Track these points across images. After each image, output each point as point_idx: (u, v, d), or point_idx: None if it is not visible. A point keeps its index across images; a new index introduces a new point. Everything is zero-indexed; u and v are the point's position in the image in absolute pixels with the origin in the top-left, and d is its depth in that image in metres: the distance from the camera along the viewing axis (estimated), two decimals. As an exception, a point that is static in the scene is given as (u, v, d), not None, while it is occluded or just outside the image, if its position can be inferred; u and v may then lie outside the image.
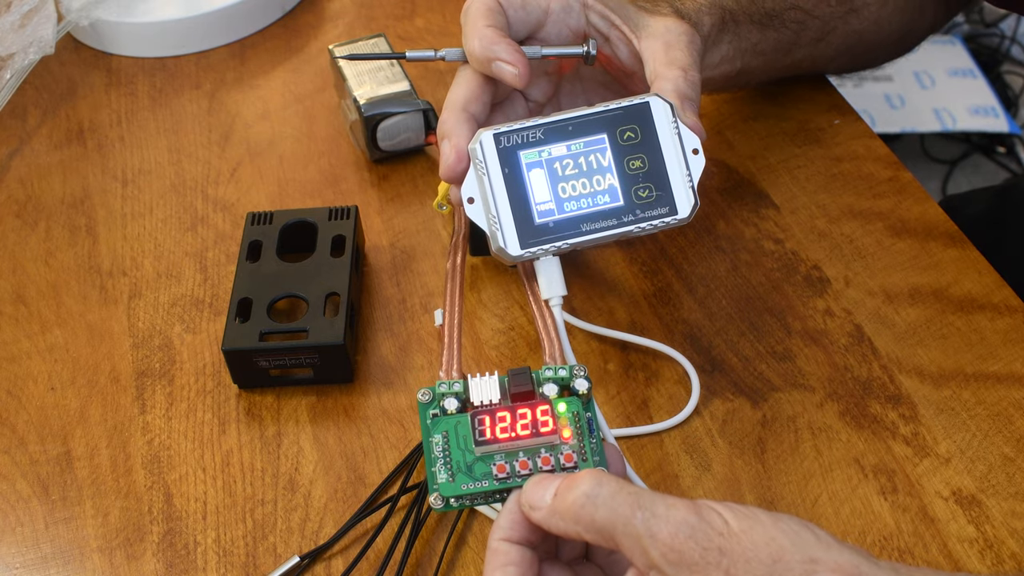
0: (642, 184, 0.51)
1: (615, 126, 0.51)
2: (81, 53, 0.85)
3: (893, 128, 1.73)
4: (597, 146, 0.51)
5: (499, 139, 0.50)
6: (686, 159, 0.51)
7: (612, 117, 0.51)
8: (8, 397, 0.62)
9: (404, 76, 0.72)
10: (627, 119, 0.51)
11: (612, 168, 0.51)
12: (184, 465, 0.58)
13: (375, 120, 0.70)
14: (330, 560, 0.54)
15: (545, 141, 0.51)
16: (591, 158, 0.51)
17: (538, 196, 0.51)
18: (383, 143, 0.71)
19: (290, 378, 0.61)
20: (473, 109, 0.53)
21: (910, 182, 0.70)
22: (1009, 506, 0.54)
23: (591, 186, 0.51)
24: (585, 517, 0.41)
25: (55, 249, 0.70)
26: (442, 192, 0.63)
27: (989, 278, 0.64)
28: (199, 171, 0.75)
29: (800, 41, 0.68)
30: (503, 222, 0.50)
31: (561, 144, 0.51)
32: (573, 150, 0.51)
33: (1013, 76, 1.87)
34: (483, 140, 0.50)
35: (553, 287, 0.51)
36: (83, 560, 0.55)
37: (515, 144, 0.50)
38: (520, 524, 0.44)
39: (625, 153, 0.51)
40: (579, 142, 0.51)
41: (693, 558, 0.38)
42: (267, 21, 0.86)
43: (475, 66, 0.53)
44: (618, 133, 0.51)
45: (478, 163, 0.50)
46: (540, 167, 0.51)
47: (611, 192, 0.51)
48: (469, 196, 0.50)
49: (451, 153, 0.51)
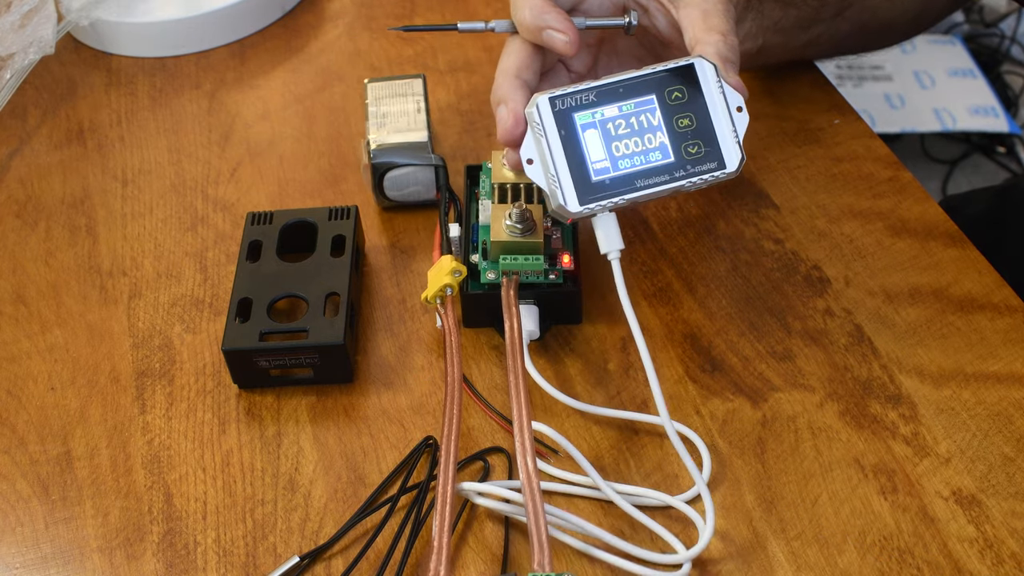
0: (691, 141, 0.53)
1: (663, 87, 0.54)
2: (81, 53, 0.85)
3: (893, 128, 1.73)
4: (647, 106, 0.53)
5: (554, 102, 0.53)
6: (731, 116, 0.54)
7: (660, 79, 0.54)
8: (8, 397, 0.62)
9: (426, 125, 0.68)
10: (674, 80, 0.54)
11: (662, 127, 0.53)
12: (184, 465, 0.58)
13: (383, 169, 0.67)
14: (330, 560, 0.54)
15: (598, 103, 0.53)
16: (642, 118, 0.53)
17: (594, 155, 0.53)
18: (390, 193, 0.68)
19: (290, 378, 0.61)
20: (525, 76, 0.55)
21: (910, 182, 0.70)
22: (1009, 506, 0.54)
23: (643, 144, 0.53)
24: None
25: (55, 249, 0.70)
26: (432, 288, 0.60)
27: (989, 278, 0.64)
28: (199, 171, 0.75)
29: (819, 16, 0.70)
30: (562, 181, 0.52)
31: (613, 105, 0.53)
32: (624, 111, 0.53)
33: (1013, 76, 1.87)
34: (540, 104, 0.53)
35: (611, 242, 0.53)
36: (83, 560, 0.55)
37: (570, 107, 0.53)
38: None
39: (674, 112, 0.53)
40: (630, 103, 0.53)
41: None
42: (267, 21, 0.86)
43: (525, 35, 0.55)
44: (666, 93, 0.53)
45: (535, 126, 0.52)
46: (594, 128, 0.53)
47: (662, 149, 0.53)
48: (528, 158, 0.53)
49: (508, 117, 0.53)
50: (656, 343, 0.62)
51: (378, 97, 0.70)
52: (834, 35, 0.72)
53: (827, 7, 0.70)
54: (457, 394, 0.55)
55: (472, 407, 0.59)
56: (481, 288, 0.61)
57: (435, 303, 0.60)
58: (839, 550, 0.53)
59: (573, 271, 0.61)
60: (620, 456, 0.57)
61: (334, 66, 0.82)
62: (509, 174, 0.62)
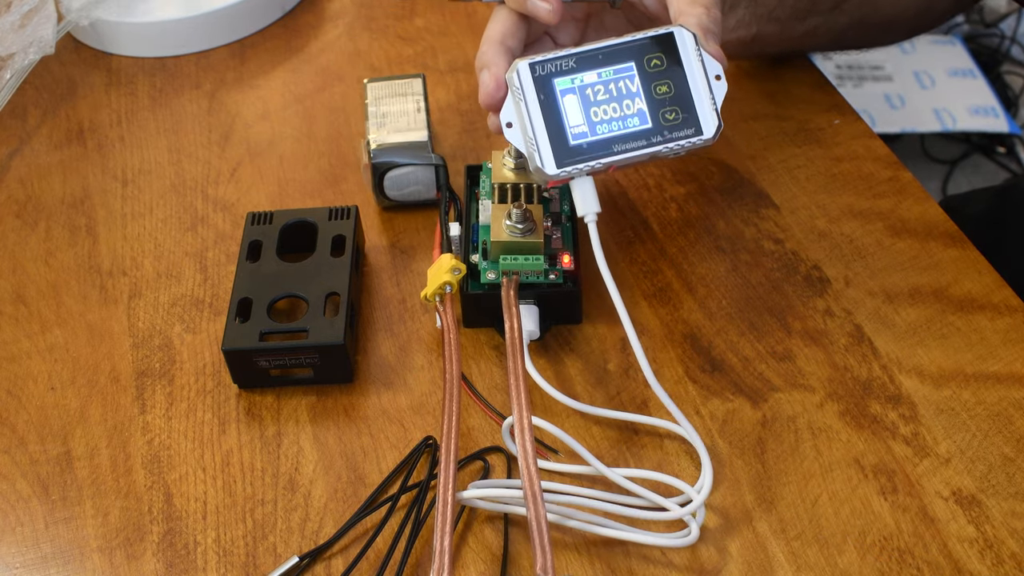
0: (669, 107, 0.54)
1: (642, 54, 0.54)
2: (81, 53, 0.85)
3: (893, 128, 1.73)
4: (626, 73, 0.54)
5: (534, 68, 0.54)
6: (710, 84, 0.54)
7: (640, 46, 0.54)
8: (8, 397, 0.62)
9: (426, 125, 0.68)
10: (653, 47, 0.54)
11: (640, 93, 0.54)
12: (184, 465, 0.58)
13: (383, 168, 0.67)
14: (330, 560, 0.54)
15: (577, 69, 0.54)
16: (621, 84, 0.54)
17: (572, 120, 0.54)
18: (390, 192, 0.68)
19: (290, 378, 0.61)
20: (510, 43, 0.57)
21: (910, 182, 0.70)
22: (1009, 506, 0.54)
23: (621, 110, 0.54)
24: None
25: (55, 249, 0.70)
26: (432, 286, 0.60)
27: (989, 278, 0.64)
28: (199, 171, 0.75)
29: (816, 8, 0.70)
30: (540, 144, 0.53)
31: (592, 72, 0.54)
32: (604, 77, 0.54)
33: (1013, 76, 1.87)
34: (520, 69, 0.53)
35: (588, 204, 0.54)
36: (83, 560, 0.55)
37: (549, 72, 0.54)
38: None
39: (652, 79, 0.54)
40: (609, 69, 0.54)
41: None
42: (267, 21, 0.86)
43: (511, 4, 0.57)
44: (645, 61, 0.54)
45: (515, 90, 0.53)
46: (573, 93, 0.54)
47: (640, 115, 0.54)
48: (507, 121, 0.54)
49: (491, 81, 0.55)
50: (656, 343, 0.62)
51: (378, 97, 0.70)
52: (832, 27, 0.72)
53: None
54: (456, 392, 0.55)
55: (472, 407, 0.59)
56: (481, 288, 0.61)
57: (434, 301, 0.60)
58: (839, 550, 0.53)
59: (573, 271, 0.61)
60: (620, 456, 0.57)
61: (334, 66, 0.82)
62: (509, 174, 0.62)
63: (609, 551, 0.53)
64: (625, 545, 0.53)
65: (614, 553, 0.53)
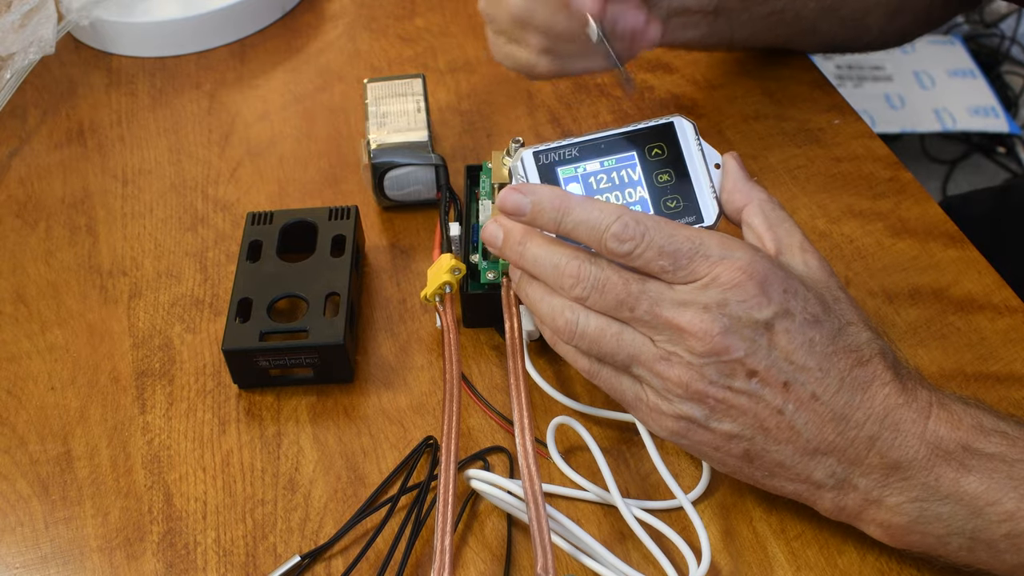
0: (670, 195, 0.54)
1: (643, 143, 0.55)
2: (81, 53, 0.85)
3: (893, 128, 1.73)
4: (628, 162, 0.55)
5: (538, 157, 0.54)
6: (710, 172, 0.54)
7: (640, 136, 0.55)
8: (8, 397, 0.62)
9: (426, 125, 0.68)
10: (654, 137, 0.55)
11: (642, 182, 0.54)
12: (184, 465, 0.58)
13: (383, 168, 0.67)
14: (330, 560, 0.54)
15: (580, 158, 0.54)
16: (623, 173, 0.54)
17: None
18: (391, 192, 0.68)
19: (290, 378, 0.61)
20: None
21: (910, 182, 0.70)
22: (1009, 506, 0.54)
23: (623, 198, 0.54)
24: None
25: (55, 249, 0.70)
26: (432, 286, 0.60)
27: (989, 278, 0.64)
28: (199, 171, 0.75)
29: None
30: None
31: (595, 160, 0.54)
32: (606, 166, 0.54)
33: (1013, 76, 1.87)
34: (524, 158, 0.54)
35: None
36: (83, 560, 0.55)
37: (553, 161, 0.54)
38: None
39: (653, 168, 0.54)
40: (611, 158, 0.54)
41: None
42: (267, 21, 0.86)
43: None
44: (646, 150, 0.55)
45: (519, 178, 0.54)
46: (576, 181, 0.54)
47: (642, 203, 0.54)
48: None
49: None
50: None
51: (378, 97, 0.70)
52: (801, 13, 0.72)
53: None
54: (456, 391, 0.55)
55: (472, 407, 0.59)
56: (481, 288, 0.61)
57: (434, 301, 0.60)
58: (839, 550, 0.53)
59: (573, 271, 0.61)
60: (620, 456, 0.57)
61: (334, 66, 0.82)
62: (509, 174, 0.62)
63: (610, 549, 0.53)
64: (625, 545, 0.53)
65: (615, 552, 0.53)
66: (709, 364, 0.47)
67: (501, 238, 0.52)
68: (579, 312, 0.50)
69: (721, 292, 0.47)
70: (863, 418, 0.47)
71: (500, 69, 0.80)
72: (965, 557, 0.48)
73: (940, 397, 0.48)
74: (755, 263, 0.47)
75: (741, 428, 0.48)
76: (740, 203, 0.53)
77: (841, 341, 0.48)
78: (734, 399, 0.47)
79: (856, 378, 0.47)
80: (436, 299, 0.60)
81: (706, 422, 0.48)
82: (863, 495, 0.48)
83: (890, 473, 0.47)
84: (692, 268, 0.47)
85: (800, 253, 0.51)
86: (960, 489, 0.47)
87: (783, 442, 0.48)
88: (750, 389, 0.47)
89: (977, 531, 0.47)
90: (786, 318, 0.47)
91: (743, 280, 0.47)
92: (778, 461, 0.49)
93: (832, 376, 0.47)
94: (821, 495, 0.49)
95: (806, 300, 0.48)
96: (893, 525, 0.48)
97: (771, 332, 0.47)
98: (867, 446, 0.47)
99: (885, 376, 0.48)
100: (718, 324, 0.46)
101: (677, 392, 0.48)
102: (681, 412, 0.48)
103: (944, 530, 0.47)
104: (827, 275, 0.50)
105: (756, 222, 0.52)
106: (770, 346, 0.47)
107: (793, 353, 0.47)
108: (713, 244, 0.48)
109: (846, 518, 0.50)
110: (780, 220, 0.52)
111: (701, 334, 0.46)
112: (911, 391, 0.48)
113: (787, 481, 0.49)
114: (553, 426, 0.56)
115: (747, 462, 0.49)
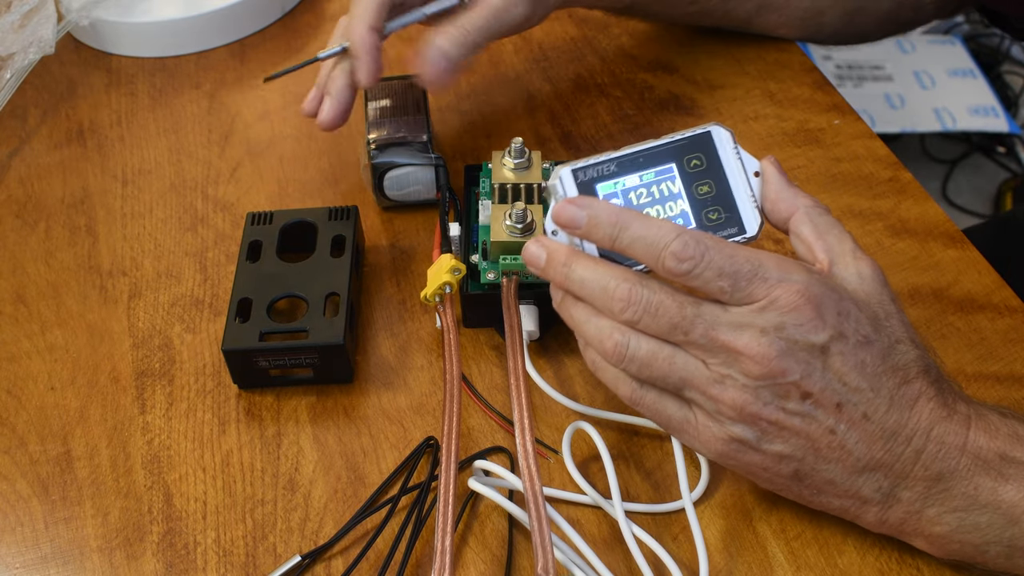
0: (711, 207, 0.53)
1: (682, 155, 0.53)
2: (81, 53, 0.85)
3: (893, 128, 1.73)
4: (667, 175, 0.53)
5: (577, 174, 0.53)
6: (749, 181, 0.54)
7: (678, 148, 0.53)
8: (8, 397, 0.62)
9: (426, 125, 0.68)
10: (692, 148, 0.54)
11: (683, 194, 0.53)
12: (184, 465, 0.58)
13: (383, 169, 0.67)
14: (330, 560, 0.54)
15: (619, 173, 0.53)
16: (663, 186, 0.53)
17: None
18: (391, 192, 0.68)
19: (290, 378, 0.61)
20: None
21: (910, 182, 0.70)
22: (1009, 506, 0.54)
23: (664, 212, 0.53)
24: None
25: (55, 249, 0.70)
26: (432, 286, 0.60)
27: (989, 278, 0.64)
28: (199, 171, 0.75)
29: None
30: (586, 250, 0.52)
31: (634, 175, 0.53)
32: (645, 180, 0.53)
33: (1013, 76, 1.87)
34: (563, 176, 0.52)
35: None
36: (83, 560, 0.55)
37: (592, 178, 0.53)
38: None
39: (693, 180, 0.53)
40: (650, 172, 0.53)
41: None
42: (267, 21, 0.86)
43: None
44: (685, 161, 0.53)
45: (559, 197, 0.52)
46: (617, 197, 0.53)
47: (683, 216, 0.53)
48: (553, 229, 0.52)
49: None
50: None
51: (378, 97, 0.70)
52: (731, 12, 0.73)
53: None
54: (456, 392, 0.55)
55: (472, 407, 0.59)
56: (481, 288, 0.61)
57: (434, 301, 0.60)
58: (839, 550, 0.53)
59: (573, 271, 0.61)
60: (620, 456, 0.57)
61: (334, 66, 0.82)
62: (509, 174, 0.62)
63: (609, 551, 0.53)
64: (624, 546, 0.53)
65: (614, 553, 0.53)
66: (764, 387, 0.47)
67: (544, 258, 0.51)
68: (629, 335, 0.48)
69: (779, 315, 0.46)
70: (910, 434, 0.47)
71: (500, 69, 0.80)
72: (1004, 564, 0.49)
73: (977, 408, 0.49)
74: (811, 286, 0.47)
75: (792, 449, 0.48)
76: (786, 212, 0.52)
77: (890, 360, 0.48)
78: (787, 421, 0.47)
79: (904, 396, 0.47)
80: (436, 299, 0.60)
81: (757, 444, 0.48)
82: (906, 507, 0.48)
83: (933, 485, 0.48)
84: (751, 290, 0.47)
85: (853, 262, 0.50)
86: (998, 498, 0.47)
87: (833, 461, 0.48)
88: (803, 411, 0.47)
89: (1015, 539, 0.47)
90: (840, 341, 0.47)
91: (801, 303, 0.46)
92: (828, 479, 0.49)
93: (882, 395, 0.47)
94: (867, 509, 0.49)
95: (858, 321, 0.47)
96: (934, 535, 0.49)
97: (826, 355, 0.47)
98: (913, 460, 0.47)
99: (929, 392, 0.48)
100: (775, 347, 0.46)
101: (730, 415, 0.48)
102: (733, 434, 0.48)
103: (982, 539, 0.48)
104: (880, 285, 0.50)
105: (805, 231, 0.51)
106: (824, 368, 0.47)
107: (846, 375, 0.47)
108: (771, 266, 0.47)
109: (888, 530, 0.50)
110: (829, 227, 0.51)
111: (759, 357, 0.46)
112: (951, 405, 0.48)
113: (834, 497, 0.50)
114: (569, 432, 0.55)
115: (796, 481, 0.49)
